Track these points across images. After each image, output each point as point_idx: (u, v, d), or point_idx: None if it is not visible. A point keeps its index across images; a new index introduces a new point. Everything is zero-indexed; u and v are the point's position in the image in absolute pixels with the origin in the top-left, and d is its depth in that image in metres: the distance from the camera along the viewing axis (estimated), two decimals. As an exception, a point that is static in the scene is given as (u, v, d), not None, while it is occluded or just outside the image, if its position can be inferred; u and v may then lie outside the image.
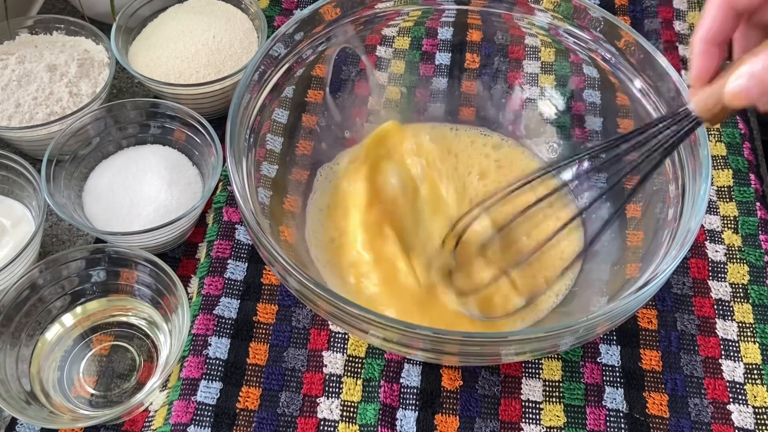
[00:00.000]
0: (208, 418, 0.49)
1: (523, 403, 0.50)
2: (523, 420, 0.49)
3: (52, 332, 0.53)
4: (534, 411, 0.50)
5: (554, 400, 0.50)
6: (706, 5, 0.37)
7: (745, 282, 0.55)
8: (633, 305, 0.42)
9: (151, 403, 0.51)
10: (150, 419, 0.50)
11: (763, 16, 0.37)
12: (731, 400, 0.50)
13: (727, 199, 0.60)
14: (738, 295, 0.55)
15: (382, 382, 0.50)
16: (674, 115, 0.41)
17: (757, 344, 0.53)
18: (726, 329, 0.53)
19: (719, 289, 0.55)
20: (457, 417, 0.49)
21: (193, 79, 0.62)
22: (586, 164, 0.57)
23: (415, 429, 0.49)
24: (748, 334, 0.53)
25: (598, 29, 0.54)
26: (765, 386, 0.51)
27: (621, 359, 0.52)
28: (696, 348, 0.52)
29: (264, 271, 0.55)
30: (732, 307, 0.54)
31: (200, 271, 0.55)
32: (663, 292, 0.55)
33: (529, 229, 0.54)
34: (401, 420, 0.49)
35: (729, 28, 0.37)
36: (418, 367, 0.51)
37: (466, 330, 0.50)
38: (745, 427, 0.49)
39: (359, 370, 0.51)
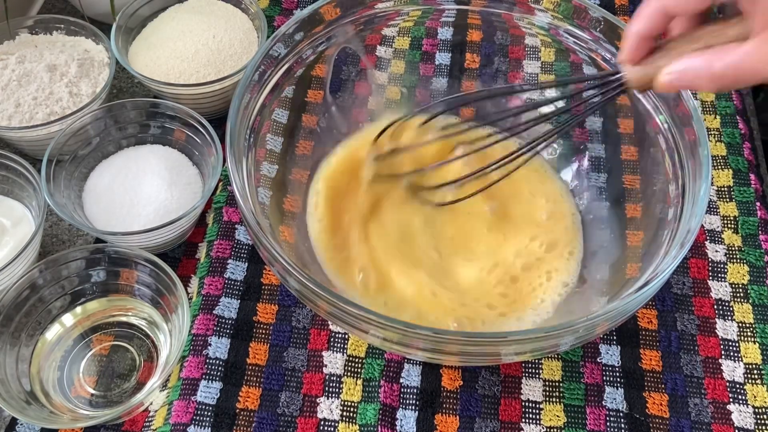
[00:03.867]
0: (208, 418, 0.49)
1: (523, 403, 0.50)
2: (523, 420, 0.49)
3: (52, 332, 0.53)
4: (534, 411, 0.50)
5: (554, 400, 0.50)
6: (643, 4, 0.40)
7: (745, 282, 0.55)
8: (633, 305, 0.42)
9: (151, 403, 0.51)
10: (150, 419, 0.50)
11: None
12: (731, 400, 0.50)
13: (727, 199, 0.60)
14: (738, 295, 0.55)
15: (382, 382, 0.50)
16: (606, 76, 0.44)
17: (757, 344, 0.53)
18: (726, 329, 0.53)
19: (719, 289, 0.55)
20: (457, 417, 0.49)
21: (193, 79, 0.62)
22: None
23: (415, 429, 0.49)
24: (748, 334, 0.53)
25: (598, 29, 0.54)
26: (765, 386, 0.51)
27: (621, 359, 0.52)
28: (696, 348, 0.52)
29: (264, 271, 0.55)
30: (732, 307, 0.54)
31: (200, 271, 0.55)
32: (663, 292, 0.55)
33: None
34: (401, 420, 0.49)
35: (661, 27, 0.40)
36: (418, 367, 0.51)
37: (466, 330, 0.50)
38: (745, 427, 0.49)
39: (359, 370, 0.51)
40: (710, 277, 0.56)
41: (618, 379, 0.51)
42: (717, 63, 0.36)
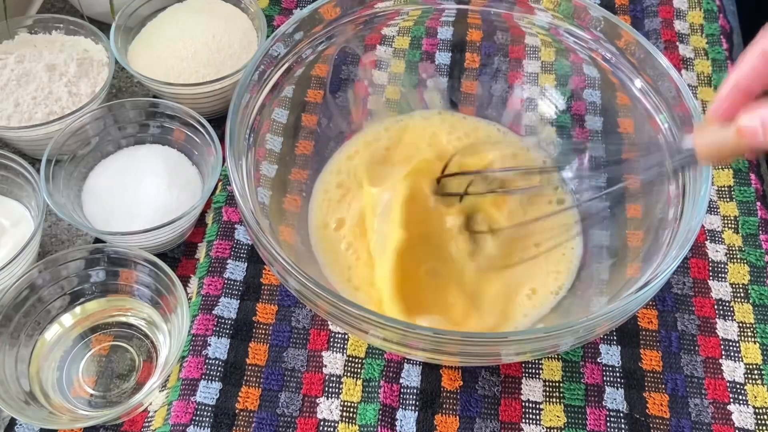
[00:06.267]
0: (207, 419, 0.48)
1: (523, 404, 0.50)
2: (524, 420, 0.49)
3: (52, 332, 0.53)
4: (534, 411, 0.50)
5: (554, 400, 0.50)
6: (746, 52, 0.36)
7: (746, 282, 0.55)
8: (633, 305, 0.42)
9: (151, 404, 0.51)
10: (149, 419, 0.50)
11: None
12: (732, 400, 0.50)
13: (728, 199, 0.60)
14: (738, 295, 0.55)
15: (381, 383, 0.50)
16: (677, 151, 0.43)
17: (757, 344, 0.53)
18: (726, 329, 0.53)
19: (719, 289, 0.55)
20: (457, 417, 0.49)
21: (192, 79, 0.62)
22: (585, 176, 0.59)
23: (415, 429, 0.49)
24: (749, 334, 0.53)
25: (598, 29, 0.54)
26: (765, 386, 0.51)
27: (621, 359, 0.52)
28: (696, 348, 0.52)
29: (263, 271, 0.55)
30: (732, 307, 0.54)
31: (200, 271, 0.55)
32: (663, 292, 0.55)
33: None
34: (401, 420, 0.49)
35: (764, 81, 0.36)
36: (418, 368, 0.51)
37: (466, 330, 0.50)
38: (746, 427, 0.49)
39: (359, 371, 0.51)
40: (710, 277, 0.56)
41: (618, 380, 0.51)
42: None
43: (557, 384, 0.51)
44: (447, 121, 0.61)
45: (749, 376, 0.51)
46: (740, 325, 0.53)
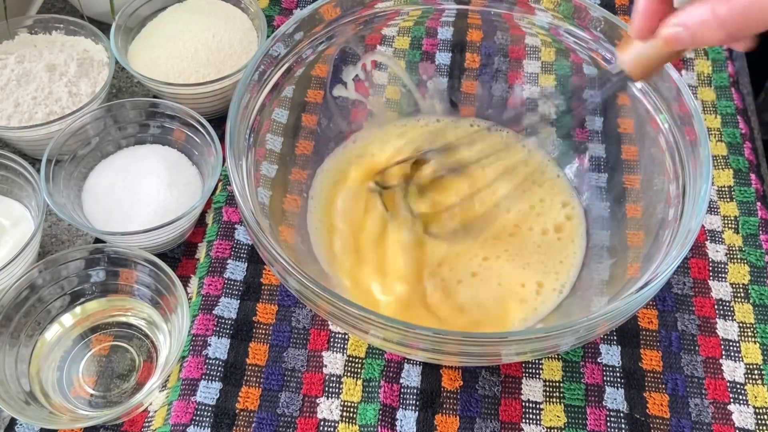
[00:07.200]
0: (207, 419, 0.48)
1: (524, 404, 0.50)
2: (524, 420, 0.49)
3: (52, 332, 0.53)
4: (534, 411, 0.50)
5: (555, 400, 0.50)
6: None
7: (746, 282, 0.55)
8: (633, 305, 0.42)
9: (151, 404, 0.51)
10: (149, 419, 0.50)
11: None
12: (732, 400, 0.50)
13: (728, 199, 0.60)
14: (738, 295, 0.55)
15: (382, 383, 0.50)
16: (608, 78, 0.43)
17: (757, 344, 0.53)
18: (727, 329, 0.53)
19: (720, 289, 0.55)
20: (458, 417, 0.49)
21: (192, 79, 0.62)
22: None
23: (415, 429, 0.49)
24: (749, 334, 0.53)
25: (598, 29, 0.54)
26: (766, 386, 0.51)
27: (621, 359, 0.52)
28: (696, 348, 0.52)
29: (264, 271, 0.55)
30: (732, 307, 0.54)
31: (200, 271, 0.55)
32: (663, 292, 0.55)
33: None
34: (401, 420, 0.49)
35: None
36: (418, 368, 0.51)
37: (466, 330, 0.50)
38: (746, 427, 0.49)
39: (359, 371, 0.51)
40: (711, 277, 0.56)
41: (618, 380, 0.51)
42: (721, 6, 0.32)
43: (557, 384, 0.51)
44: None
45: (749, 376, 0.51)
46: (740, 325, 0.53)
